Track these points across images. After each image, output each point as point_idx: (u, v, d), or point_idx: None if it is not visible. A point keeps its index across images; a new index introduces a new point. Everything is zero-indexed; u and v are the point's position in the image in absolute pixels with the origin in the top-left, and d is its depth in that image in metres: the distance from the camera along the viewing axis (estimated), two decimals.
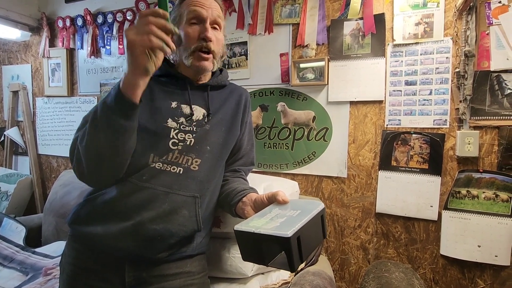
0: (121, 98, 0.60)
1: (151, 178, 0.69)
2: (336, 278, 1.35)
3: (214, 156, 0.78)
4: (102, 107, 0.62)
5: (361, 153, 1.31)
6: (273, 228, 0.47)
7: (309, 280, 1.06)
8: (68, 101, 2.01)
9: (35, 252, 1.38)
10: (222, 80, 0.86)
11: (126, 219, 0.66)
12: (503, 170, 1.10)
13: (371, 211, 1.30)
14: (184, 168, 0.72)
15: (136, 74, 0.58)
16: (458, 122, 1.16)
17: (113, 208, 0.68)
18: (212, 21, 0.76)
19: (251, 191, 0.74)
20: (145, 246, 0.66)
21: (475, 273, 1.16)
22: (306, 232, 0.47)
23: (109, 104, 0.61)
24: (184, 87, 0.80)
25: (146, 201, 0.68)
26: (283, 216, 0.51)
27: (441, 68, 1.17)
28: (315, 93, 1.38)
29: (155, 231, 0.66)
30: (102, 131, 0.62)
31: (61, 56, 1.98)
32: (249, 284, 0.91)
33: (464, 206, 1.15)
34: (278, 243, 0.46)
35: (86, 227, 0.69)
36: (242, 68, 1.52)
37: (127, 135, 0.65)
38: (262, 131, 1.48)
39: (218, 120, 0.80)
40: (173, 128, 0.74)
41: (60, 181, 1.65)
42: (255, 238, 0.47)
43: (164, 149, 0.72)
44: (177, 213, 0.69)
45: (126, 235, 0.66)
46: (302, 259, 0.46)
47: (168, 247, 0.69)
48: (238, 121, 0.85)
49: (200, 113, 0.79)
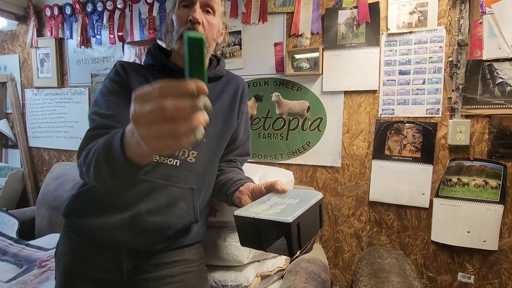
0: (129, 164, 0.47)
1: (148, 170, 0.68)
2: (330, 265, 1.37)
3: (211, 148, 0.77)
4: (107, 162, 0.50)
5: (355, 142, 1.32)
6: (274, 214, 0.47)
7: (304, 267, 1.08)
8: (59, 93, 1.96)
9: (29, 244, 1.37)
10: (220, 71, 0.84)
11: (124, 211, 0.66)
12: (493, 158, 1.12)
13: (364, 200, 1.32)
14: (181, 160, 0.72)
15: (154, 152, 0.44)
16: (450, 111, 1.17)
17: (111, 200, 0.67)
18: (204, 3, 0.72)
19: (248, 181, 0.74)
20: (142, 237, 0.66)
21: (464, 258, 1.20)
22: (305, 220, 0.48)
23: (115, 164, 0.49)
24: (179, 78, 0.77)
25: (144, 193, 0.67)
26: (283, 204, 0.52)
27: (434, 57, 1.18)
28: (310, 83, 1.37)
29: (153, 223, 0.66)
30: (109, 177, 0.52)
31: (49, 46, 1.92)
32: (245, 272, 0.92)
33: (455, 194, 1.18)
34: (278, 229, 0.47)
35: (82, 218, 0.68)
36: (236, 58, 1.50)
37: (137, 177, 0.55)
38: (257, 121, 1.48)
39: (215, 112, 0.79)
40: None
41: (52, 174, 1.63)
42: (255, 223, 0.48)
43: None
44: (175, 205, 0.69)
45: (124, 227, 0.65)
46: (300, 245, 0.47)
47: (165, 238, 0.69)
48: (235, 112, 0.84)
49: None
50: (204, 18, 0.72)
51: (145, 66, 0.78)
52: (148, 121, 0.36)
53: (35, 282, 1.11)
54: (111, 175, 0.51)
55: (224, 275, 0.91)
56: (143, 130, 0.37)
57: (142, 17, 1.65)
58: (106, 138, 0.52)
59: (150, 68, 0.77)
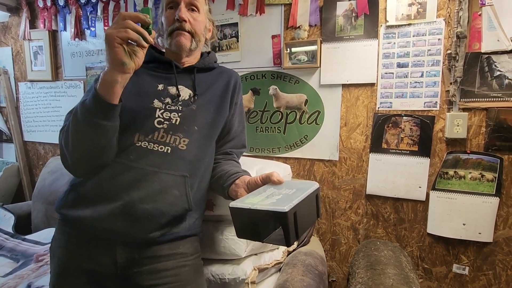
0: (98, 99, 0.60)
1: (138, 158, 0.69)
2: (327, 258, 1.39)
3: (202, 136, 0.78)
4: (81, 108, 0.63)
5: (353, 136, 1.32)
6: (270, 204, 0.47)
7: (301, 260, 1.08)
8: (53, 86, 1.94)
9: (25, 239, 1.36)
10: (210, 62, 0.87)
11: (115, 200, 0.66)
12: (490, 151, 1.13)
13: (361, 193, 1.33)
14: (172, 147, 0.72)
15: (113, 70, 0.59)
16: (448, 104, 1.17)
17: (102, 189, 0.67)
18: (188, 2, 0.79)
19: (244, 174, 0.74)
20: (135, 226, 0.66)
21: (459, 250, 1.21)
22: (302, 209, 0.48)
23: (88, 105, 0.61)
24: (170, 70, 0.81)
25: (135, 180, 0.67)
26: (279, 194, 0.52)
27: (433, 50, 1.17)
28: (307, 76, 1.36)
29: (145, 210, 0.66)
30: (84, 132, 0.63)
31: (43, 38, 1.89)
32: (243, 265, 0.92)
33: (451, 186, 1.18)
34: (275, 219, 0.46)
35: (75, 211, 0.68)
36: (233, 51, 1.48)
37: (111, 134, 0.65)
38: (254, 115, 1.47)
39: (206, 100, 0.80)
40: (158, 108, 0.74)
41: (48, 168, 1.62)
42: (251, 214, 0.48)
43: (149, 128, 0.72)
44: (167, 192, 0.69)
45: (116, 215, 0.65)
46: (297, 235, 0.47)
47: (159, 226, 0.68)
48: (227, 102, 0.84)
49: (187, 93, 0.79)
50: (190, 16, 0.79)
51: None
52: (114, 24, 0.57)
53: (32, 276, 1.11)
54: (86, 119, 0.61)
55: (221, 268, 0.91)
56: (109, 29, 0.56)
57: (137, 8, 1.62)
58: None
59: (142, 65, 0.79)
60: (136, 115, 0.72)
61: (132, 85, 0.73)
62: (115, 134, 0.67)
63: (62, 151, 0.67)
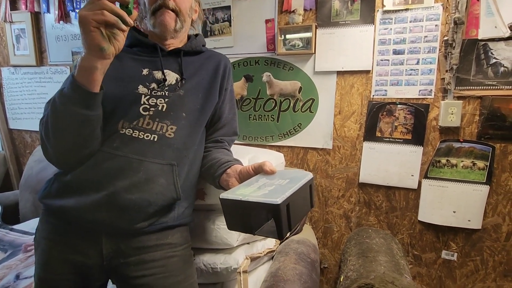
0: (77, 87, 0.57)
1: (122, 145, 0.66)
2: (319, 245, 1.40)
3: (190, 123, 0.74)
4: (60, 97, 0.59)
5: (347, 124, 1.31)
6: (262, 195, 0.45)
7: (293, 248, 1.09)
8: (38, 71, 1.86)
9: (13, 229, 1.33)
10: (197, 45, 0.82)
11: (99, 190, 0.63)
12: (482, 139, 1.13)
13: (354, 181, 1.33)
14: (159, 135, 0.69)
15: (91, 55, 0.54)
16: (442, 92, 1.16)
17: (85, 178, 0.64)
18: None
19: (236, 163, 0.72)
20: (121, 216, 0.64)
21: (448, 237, 1.23)
22: (295, 201, 0.46)
23: (67, 94, 0.58)
24: (155, 53, 0.76)
25: (119, 169, 0.64)
26: (272, 185, 0.50)
27: (429, 36, 1.14)
28: (302, 62, 1.33)
29: (131, 200, 0.64)
30: (65, 123, 0.59)
31: (25, 20, 1.79)
32: (235, 254, 0.92)
33: (443, 175, 1.19)
34: (267, 211, 0.45)
35: (58, 200, 0.65)
36: (225, 36, 1.43)
37: (94, 124, 0.62)
38: (247, 102, 1.44)
39: (193, 85, 0.76)
40: (143, 94, 0.70)
41: (35, 157, 1.58)
42: (242, 206, 0.46)
43: (134, 115, 0.68)
44: (153, 181, 0.67)
45: (100, 206, 0.63)
46: (290, 227, 0.46)
47: (146, 217, 0.66)
48: (216, 87, 0.81)
49: (173, 78, 0.75)
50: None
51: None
52: (89, 5, 0.51)
53: (21, 266, 1.09)
54: (65, 109, 0.57)
55: (213, 258, 0.91)
56: (83, 10, 0.51)
57: None
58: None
59: (125, 49, 0.75)
60: (120, 102, 0.68)
61: (115, 70, 0.69)
62: (98, 124, 0.63)
63: (43, 143, 0.63)
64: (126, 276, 0.67)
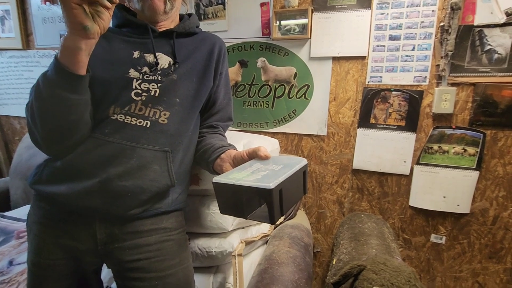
0: (61, 69, 0.54)
1: (114, 132, 0.64)
2: (312, 230, 1.42)
3: (184, 109, 0.72)
4: (44, 80, 0.56)
5: (341, 111, 1.31)
6: (255, 180, 0.45)
7: (287, 233, 1.10)
8: (24, 55, 1.79)
9: (5, 216, 1.32)
10: (190, 26, 0.79)
11: (91, 177, 0.62)
12: (474, 126, 1.14)
13: (348, 168, 1.34)
14: (152, 121, 0.67)
15: (74, 35, 0.51)
16: (437, 79, 1.16)
17: (76, 165, 0.63)
18: None
19: (230, 148, 0.71)
20: (114, 203, 0.63)
21: (437, 221, 1.27)
22: (288, 186, 0.46)
23: (50, 77, 0.55)
24: (146, 35, 0.72)
25: (111, 156, 0.63)
26: (265, 170, 0.50)
27: (426, 22, 1.13)
28: (297, 47, 1.31)
29: (124, 187, 0.63)
30: (50, 107, 0.57)
31: (9, 1, 1.71)
32: (229, 238, 0.93)
33: (435, 161, 1.21)
34: (259, 195, 0.45)
35: (49, 186, 0.64)
36: (219, 19, 1.39)
37: (81, 109, 0.59)
38: (242, 88, 1.42)
39: (187, 69, 0.74)
40: (135, 79, 0.68)
41: (25, 143, 1.54)
42: (235, 190, 0.46)
43: (126, 100, 0.66)
44: (147, 168, 0.66)
45: (93, 193, 0.62)
46: (282, 212, 0.46)
47: (140, 203, 0.66)
48: (211, 71, 0.78)
49: (166, 61, 0.72)
50: None
51: (109, 29, 0.72)
52: None
53: (14, 253, 1.08)
54: (50, 93, 0.55)
55: (208, 242, 0.92)
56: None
57: None
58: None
59: (114, 30, 0.74)
60: (110, 86, 0.65)
61: (103, 52, 0.66)
62: (86, 109, 0.61)
63: (30, 129, 0.61)
64: (121, 260, 0.67)
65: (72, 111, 0.58)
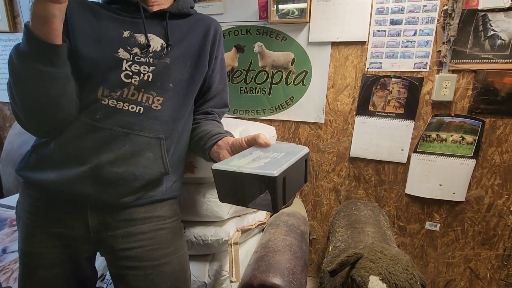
0: (34, 39, 0.49)
1: (106, 117, 0.61)
2: (309, 218, 1.43)
3: (178, 95, 0.69)
4: (16, 53, 0.52)
5: (340, 98, 1.28)
6: (257, 167, 0.43)
7: (284, 220, 1.10)
8: (12, 38, 1.72)
9: None
10: (184, 7, 0.74)
11: (82, 163, 0.60)
12: (473, 114, 1.13)
13: (345, 156, 1.33)
14: (145, 107, 0.64)
15: (45, 0, 0.47)
16: (438, 66, 1.14)
17: (66, 151, 0.60)
18: None
19: (227, 135, 0.69)
20: (106, 190, 0.61)
21: (433, 209, 1.27)
22: (291, 174, 0.45)
23: (23, 49, 0.51)
24: (137, 14, 0.68)
25: (103, 142, 0.61)
26: (267, 157, 0.48)
27: (428, 6, 1.10)
28: (296, 32, 1.27)
29: (117, 174, 0.61)
30: (27, 82, 0.53)
31: None
32: (225, 227, 0.92)
33: (432, 149, 1.20)
34: (263, 183, 0.43)
35: (38, 173, 0.62)
36: (214, 1, 1.34)
37: (61, 83, 0.56)
38: (238, 74, 1.38)
39: (181, 53, 0.70)
40: (125, 60, 0.64)
41: (15, 130, 1.50)
42: (236, 178, 0.44)
43: (115, 82, 0.63)
44: (140, 155, 0.63)
45: (84, 179, 0.60)
46: (285, 200, 0.45)
47: (133, 191, 0.64)
48: (206, 55, 0.75)
49: (158, 43, 0.68)
50: None
51: (96, 3, 0.67)
52: None
53: (7, 240, 1.07)
54: (24, 66, 0.51)
55: (204, 230, 0.91)
56: None
57: None
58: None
59: (103, 5, 0.69)
60: (98, 65, 0.62)
61: (90, 29, 0.62)
62: (67, 84, 0.58)
63: (13, 108, 0.58)
64: (114, 249, 0.66)
65: (50, 86, 0.55)
